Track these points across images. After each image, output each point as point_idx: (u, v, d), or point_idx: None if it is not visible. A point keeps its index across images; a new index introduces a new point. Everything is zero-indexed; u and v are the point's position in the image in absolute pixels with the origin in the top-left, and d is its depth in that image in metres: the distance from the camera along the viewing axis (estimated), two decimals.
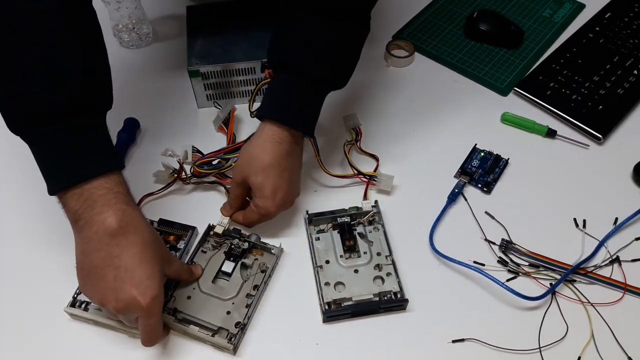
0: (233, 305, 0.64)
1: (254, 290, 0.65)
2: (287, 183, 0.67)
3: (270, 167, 0.66)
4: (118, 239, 0.55)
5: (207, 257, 0.68)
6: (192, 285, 0.65)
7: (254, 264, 0.67)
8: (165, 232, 0.70)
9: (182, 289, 0.65)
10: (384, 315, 0.65)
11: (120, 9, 0.89)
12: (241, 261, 0.67)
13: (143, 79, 0.89)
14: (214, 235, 0.69)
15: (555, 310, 0.65)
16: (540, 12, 0.98)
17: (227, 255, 0.68)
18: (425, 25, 0.97)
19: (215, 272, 0.66)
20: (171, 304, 0.63)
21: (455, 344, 0.63)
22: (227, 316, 0.63)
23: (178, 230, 0.70)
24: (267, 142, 0.66)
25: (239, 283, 0.66)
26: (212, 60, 0.80)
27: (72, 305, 0.64)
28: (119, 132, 0.80)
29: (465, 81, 0.89)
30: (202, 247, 0.69)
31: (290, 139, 0.66)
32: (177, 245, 0.69)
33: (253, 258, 0.68)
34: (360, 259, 0.68)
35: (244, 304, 0.64)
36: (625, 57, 0.89)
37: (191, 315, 0.63)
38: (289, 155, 0.67)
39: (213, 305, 0.64)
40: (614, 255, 0.69)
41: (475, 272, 0.67)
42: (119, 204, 0.56)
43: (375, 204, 0.72)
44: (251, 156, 0.67)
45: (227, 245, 0.68)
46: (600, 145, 0.81)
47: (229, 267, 0.67)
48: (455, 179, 0.77)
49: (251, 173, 0.66)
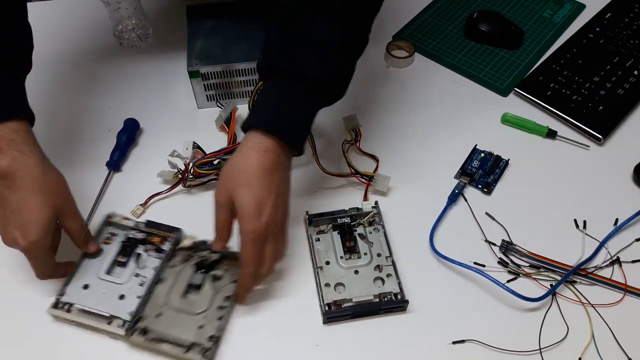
0: (205, 319, 0.62)
1: (226, 301, 0.64)
2: (274, 198, 0.60)
3: (255, 179, 0.59)
4: (7, 181, 0.59)
5: (176, 272, 0.66)
6: (161, 302, 0.64)
7: (225, 275, 0.66)
8: (150, 234, 0.69)
9: (151, 306, 0.63)
10: (384, 316, 0.65)
11: (120, 9, 0.89)
12: (211, 273, 0.66)
13: (143, 79, 0.89)
14: (183, 249, 0.68)
15: (556, 311, 0.65)
16: (541, 12, 0.98)
17: (196, 268, 0.66)
18: (425, 25, 0.97)
19: (184, 286, 0.65)
20: (141, 323, 0.62)
21: (456, 345, 0.63)
22: (200, 330, 0.62)
23: (164, 231, 0.69)
24: (252, 150, 0.60)
25: (210, 296, 0.64)
26: (212, 61, 0.80)
27: (55, 307, 0.63)
28: (119, 133, 0.79)
29: (465, 82, 0.89)
30: (170, 262, 0.67)
31: (278, 149, 0.60)
32: (161, 247, 0.68)
33: (224, 269, 0.67)
34: (360, 260, 0.68)
35: (216, 317, 0.63)
36: (626, 58, 0.89)
37: (162, 333, 0.61)
38: (276, 166, 0.60)
39: (184, 321, 0.62)
40: (615, 256, 0.69)
41: (476, 273, 0.67)
42: (10, 150, 0.59)
43: (376, 205, 0.72)
44: (234, 167, 0.61)
45: (196, 258, 0.67)
46: (600, 146, 0.81)
47: (198, 279, 0.65)
48: (456, 179, 0.77)
49: (235, 187, 0.59)
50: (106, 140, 0.80)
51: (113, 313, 0.62)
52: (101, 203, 0.75)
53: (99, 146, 0.79)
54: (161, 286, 0.65)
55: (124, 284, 0.65)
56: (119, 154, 0.78)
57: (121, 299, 0.64)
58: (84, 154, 0.79)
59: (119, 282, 0.65)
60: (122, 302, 0.63)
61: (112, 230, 0.70)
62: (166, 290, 0.65)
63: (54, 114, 0.84)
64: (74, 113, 0.84)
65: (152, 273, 0.66)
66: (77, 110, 0.85)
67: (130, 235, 0.69)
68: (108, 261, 0.67)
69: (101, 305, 0.63)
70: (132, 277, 0.65)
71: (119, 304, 0.63)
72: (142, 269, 0.66)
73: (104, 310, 0.63)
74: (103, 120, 0.83)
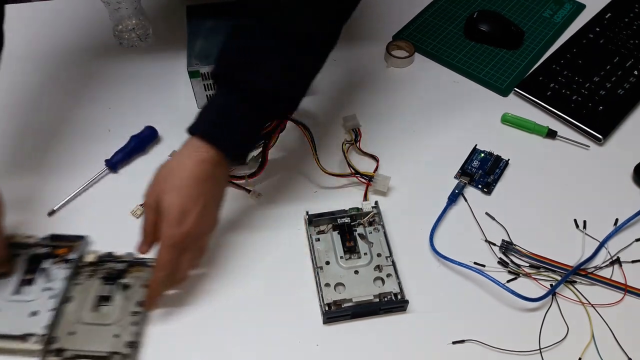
0: (120, 327, 0.62)
1: (139, 306, 0.64)
2: (200, 208, 0.59)
3: (185, 186, 0.59)
4: None
5: (83, 288, 0.65)
6: (72, 320, 0.63)
7: (134, 283, 0.66)
8: (55, 247, 0.68)
9: (62, 326, 0.62)
10: (384, 316, 0.65)
11: (120, 9, 0.89)
12: (119, 282, 0.66)
13: (143, 79, 0.89)
14: (87, 265, 0.67)
15: (556, 311, 0.65)
16: (541, 12, 0.98)
17: (103, 280, 0.66)
18: (425, 25, 0.97)
19: (94, 299, 0.64)
20: (54, 345, 0.61)
21: (456, 345, 0.63)
22: (117, 339, 0.61)
23: (68, 242, 0.68)
24: (188, 157, 0.60)
25: (121, 304, 0.64)
26: (212, 61, 0.79)
27: None
28: (132, 137, 0.79)
29: (465, 82, 0.89)
30: (76, 279, 0.66)
31: (215, 158, 0.60)
32: (68, 257, 0.67)
33: (133, 277, 0.66)
34: (360, 260, 0.68)
35: (131, 323, 0.63)
36: (626, 58, 0.89)
37: (78, 349, 0.61)
38: (209, 177, 0.60)
39: (99, 333, 0.62)
40: (615, 256, 0.69)
41: (476, 273, 0.67)
42: None
43: (376, 205, 0.72)
44: (167, 171, 0.61)
45: (102, 271, 0.67)
46: (600, 146, 0.81)
47: (107, 291, 0.65)
48: (456, 179, 0.77)
49: (163, 191, 0.59)
50: (106, 140, 0.80)
51: (26, 331, 0.61)
52: (99, 203, 0.75)
53: (99, 146, 0.79)
54: (70, 305, 0.64)
55: (35, 301, 0.64)
56: (121, 156, 0.77)
57: (33, 315, 0.62)
58: (84, 153, 0.79)
59: (29, 300, 0.64)
60: (34, 318, 0.62)
61: (14, 251, 0.67)
62: (75, 308, 0.64)
63: (53, 114, 0.84)
64: (74, 113, 0.84)
65: (62, 284, 0.65)
66: (77, 110, 0.85)
67: (34, 252, 0.67)
68: (14, 281, 0.65)
69: (13, 326, 0.61)
70: (41, 293, 0.64)
71: (32, 321, 0.62)
72: (52, 282, 0.65)
73: (16, 331, 0.61)
74: (103, 120, 0.83)
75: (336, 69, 0.88)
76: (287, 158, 0.79)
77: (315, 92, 0.86)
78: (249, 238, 0.71)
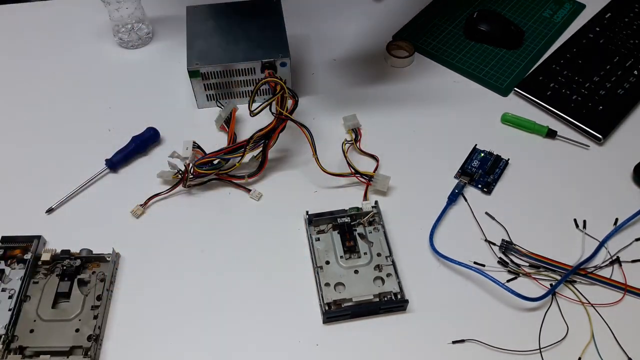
0: (80, 322, 0.63)
1: (98, 300, 0.65)
2: None
3: None
4: None
5: (41, 287, 0.66)
6: (32, 318, 0.63)
7: (91, 277, 0.67)
8: (9, 248, 0.68)
9: (21, 325, 0.63)
10: (384, 316, 0.65)
11: (120, 9, 0.89)
12: (77, 278, 0.66)
13: (143, 79, 0.89)
14: (43, 263, 0.67)
15: (556, 311, 0.65)
16: (541, 12, 0.98)
17: (60, 277, 0.66)
18: (425, 25, 0.97)
19: (52, 297, 0.65)
20: (15, 344, 0.61)
21: (456, 345, 0.63)
22: (77, 334, 0.62)
23: (22, 243, 0.68)
24: None
25: (81, 299, 0.65)
26: (212, 61, 0.80)
27: None
28: (134, 137, 0.79)
29: (465, 81, 0.89)
30: (32, 278, 0.66)
31: None
32: (23, 257, 0.67)
33: (90, 272, 0.67)
34: (360, 259, 0.68)
35: (91, 317, 0.64)
36: (626, 58, 0.89)
37: (39, 347, 0.61)
38: None
39: (60, 329, 0.63)
40: (614, 255, 0.69)
41: (476, 273, 0.67)
42: None
43: (376, 205, 0.72)
44: None
45: (59, 268, 0.67)
46: (600, 145, 0.81)
47: (64, 287, 0.65)
48: (456, 179, 0.77)
49: None
50: (106, 140, 0.80)
51: None
52: (99, 202, 0.75)
53: (99, 146, 0.79)
54: (28, 304, 0.65)
55: None
56: (122, 156, 0.78)
57: None
58: (84, 153, 0.79)
59: None
60: None
61: None
62: (35, 306, 0.64)
63: (53, 114, 0.84)
64: (74, 112, 0.85)
65: (19, 283, 0.65)
66: (77, 110, 0.85)
67: None
68: None
69: None
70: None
71: None
72: (8, 282, 0.66)
73: None
74: (103, 120, 0.83)
75: (336, 69, 0.89)
76: (287, 158, 0.79)
77: (315, 92, 0.86)
78: (249, 238, 0.71)
